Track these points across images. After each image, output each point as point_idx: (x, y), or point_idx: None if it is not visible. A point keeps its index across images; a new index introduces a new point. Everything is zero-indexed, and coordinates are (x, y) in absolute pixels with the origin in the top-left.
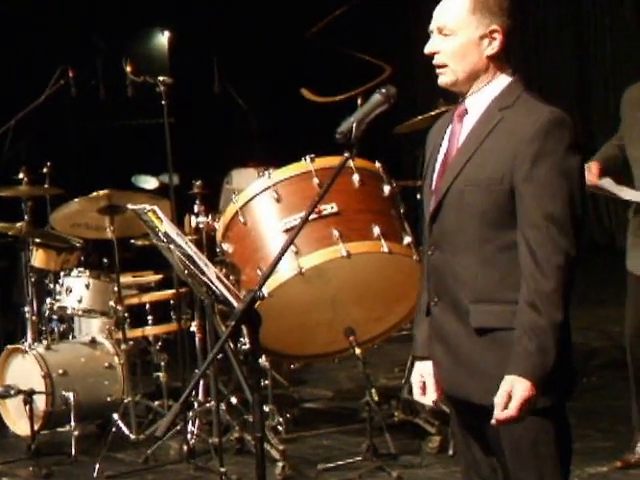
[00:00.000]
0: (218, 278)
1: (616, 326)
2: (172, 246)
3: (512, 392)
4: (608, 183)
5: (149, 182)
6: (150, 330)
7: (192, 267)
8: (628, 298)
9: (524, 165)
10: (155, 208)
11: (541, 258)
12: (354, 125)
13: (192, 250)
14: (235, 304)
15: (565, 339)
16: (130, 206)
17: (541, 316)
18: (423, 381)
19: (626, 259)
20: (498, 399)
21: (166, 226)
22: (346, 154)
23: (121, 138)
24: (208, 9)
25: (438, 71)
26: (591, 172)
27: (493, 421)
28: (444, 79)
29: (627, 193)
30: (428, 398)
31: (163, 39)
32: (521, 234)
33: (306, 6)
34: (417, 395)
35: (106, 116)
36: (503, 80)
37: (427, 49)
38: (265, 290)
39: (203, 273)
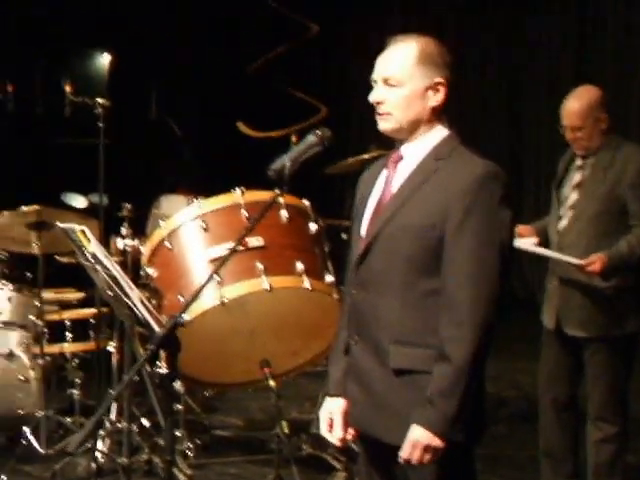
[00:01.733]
0: (141, 301)
1: (526, 377)
2: (98, 267)
3: (416, 442)
4: (528, 244)
5: (78, 201)
6: (68, 347)
7: (116, 289)
8: (542, 352)
9: (457, 215)
10: (84, 228)
11: (460, 306)
12: (287, 164)
13: (117, 272)
14: (156, 328)
15: (478, 387)
16: (59, 224)
17: (450, 365)
18: (331, 418)
19: (542, 314)
20: (404, 448)
21: (94, 247)
22: (277, 191)
23: (54, 155)
24: (150, 34)
25: (380, 117)
26: (519, 233)
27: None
28: (386, 125)
29: (543, 251)
30: (335, 435)
31: (103, 60)
32: (445, 281)
33: (249, 41)
34: (324, 431)
35: (41, 133)
36: (440, 131)
37: (372, 98)
38: (186, 317)
39: (127, 295)
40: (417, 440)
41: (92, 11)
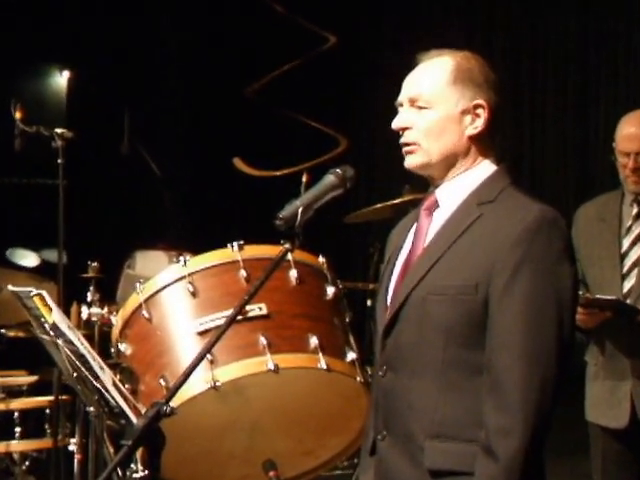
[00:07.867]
0: (115, 385)
1: None
2: (60, 341)
3: None
4: None
5: (28, 258)
6: (16, 445)
7: (83, 369)
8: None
9: (504, 273)
10: (43, 293)
11: (508, 389)
12: (300, 210)
13: (85, 348)
14: (134, 419)
15: None
16: (10, 287)
17: (497, 464)
18: None
19: (585, 408)
20: None
21: (55, 316)
22: (286, 245)
23: None
24: (121, 48)
25: (406, 149)
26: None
27: None
28: (413, 160)
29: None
30: None
31: (61, 80)
32: (489, 357)
33: (249, 56)
34: None
35: None
36: (485, 168)
37: (396, 124)
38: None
39: (97, 378)
40: None
41: (48, 18)
